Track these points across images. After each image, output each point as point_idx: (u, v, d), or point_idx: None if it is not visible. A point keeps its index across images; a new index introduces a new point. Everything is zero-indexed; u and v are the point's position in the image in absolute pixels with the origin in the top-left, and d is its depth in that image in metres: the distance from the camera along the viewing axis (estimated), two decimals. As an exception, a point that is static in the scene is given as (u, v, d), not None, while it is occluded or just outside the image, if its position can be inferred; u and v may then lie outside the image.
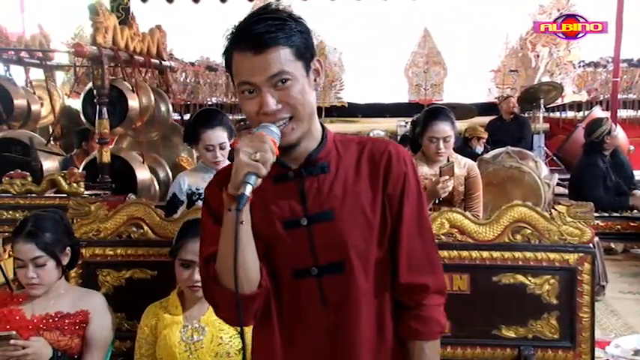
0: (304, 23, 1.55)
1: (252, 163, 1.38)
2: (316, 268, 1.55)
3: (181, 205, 3.42)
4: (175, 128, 6.23)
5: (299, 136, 1.52)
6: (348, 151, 1.61)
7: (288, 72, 1.47)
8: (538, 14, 10.29)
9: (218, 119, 3.40)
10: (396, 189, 1.58)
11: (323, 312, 1.56)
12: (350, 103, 10.78)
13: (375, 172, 1.58)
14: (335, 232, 1.54)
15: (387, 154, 1.59)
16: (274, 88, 1.47)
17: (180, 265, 2.47)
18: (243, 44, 1.48)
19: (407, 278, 1.59)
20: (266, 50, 1.45)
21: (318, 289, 1.55)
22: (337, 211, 1.54)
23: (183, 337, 2.45)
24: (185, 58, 10.62)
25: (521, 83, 10.42)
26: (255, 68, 1.46)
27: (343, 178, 1.57)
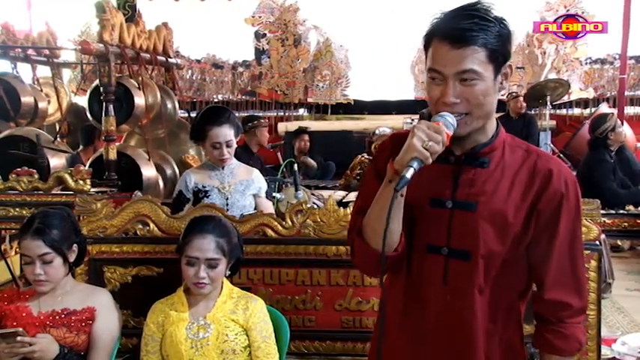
0: (508, 27, 1.61)
1: (422, 150, 1.48)
2: (447, 249, 1.65)
3: (188, 202, 3.43)
4: (182, 125, 6.23)
5: (470, 130, 1.61)
6: (513, 155, 1.67)
7: (476, 72, 1.55)
8: (545, 11, 10.23)
9: (225, 117, 3.40)
10: (550, 206, 1.63)
11: (442, 291, 1.66)
12: (356, 100, 10.75)
13: (530, 184, 1.64)
14: (472, 223, 1.62)
15: (548, 172, 1.64)
16: (460, 83, 1.56)
17: (187, 263, 2.48)
18: (445, 35, 1.56)
19: (552, 295, 1.66)
20: (463, 47, 1.53)
21: (443, 269, 1.65)
22: (481, 205, 1.62)
23: (189, 334, 2.46)
24: (191, 56, 10.62)
25: (527, 80, 10.36)
26: (448, 60, 1.55)
27: (498, 178, 1.64)
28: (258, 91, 10.67)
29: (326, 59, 10.65)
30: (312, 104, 10.82)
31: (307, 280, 3.02)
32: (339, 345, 3.02)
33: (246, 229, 3.00)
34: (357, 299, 3.00)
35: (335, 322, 3.02)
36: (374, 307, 2.98)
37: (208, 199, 3.37)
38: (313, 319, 3.03)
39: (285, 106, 10.80)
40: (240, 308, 2.53)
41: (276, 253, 3.02)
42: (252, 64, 10.72)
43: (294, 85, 10.65)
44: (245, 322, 2.51)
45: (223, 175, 3.46)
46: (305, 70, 10.67)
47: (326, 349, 3.03)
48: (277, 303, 2.99)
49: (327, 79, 10.67)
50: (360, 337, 3.00)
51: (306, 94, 10.75)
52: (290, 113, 10.79)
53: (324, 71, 10.65)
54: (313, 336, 3.03)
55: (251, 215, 3.16)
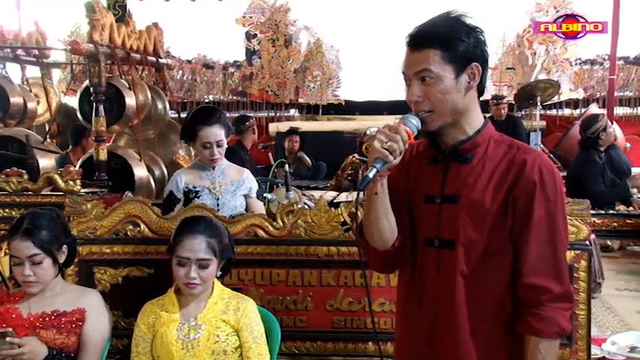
0: (471, 31, 1.74)
1: (382, 150, 1.63)
2: (438, 241, 1.78)
3: (178, 202, 3.42)
4: (172, 126, 6.21)
5: (439, 126, 1.75)
6: (497, 150, 1.79)
7: (432, 71, 1.70)
8: (535, 12, 10.27)
9: (215, 117, 3.40)
10: (524, 194, 1.72)
11: (436, 280, 1.79)
12: (347, 101, 10.75)
13: (506, 174, 1.74)
14: (454, 214, 1.75)
15: (523, 161, 1.74)
16: (421, 83, 1.72)
17: (178, 263, 2.47)
18: (407, 40, 1.75)
19: (531, 279, 1.72)
20: (419, 49, 1.71)
21: (436, 259, 1.79)
22: (462, 198, 1.75)
23: (180, 335, 2.45)
24: (182, 56, 10.59)
25: (518, 81, 10.40)
26: (408, 62, 1.75)
27: (479, 172, 1.76)
28: (249, 91, 10.65)
29: (317, 59, 10.65)
30: (303, 105, 10.81)
31: (298, 281, 3.02)
32: (331, 345, 3.02)
33: (237, 230, 3.00)
34: (349, 299, 3.00)
35: (326, 322, 3.02)
36: (365, 307, 2.99)
37: (199, 200, 3.36)
38: (304, 319, 3.02)
39: (276, 106, 10.79)
40: (231, 309, 2.53)
41: (267, 253, 3.01)
42: (243, 65, 10.70)
43: (285, 85, 10.64)
44: (236, 322, 2.51)
45: (214, 176, 3.45)
46: (296, 71, 10.67)
47: (317, 349, 3.03)
48: (268, 303, 2.99)
49: (318, 79, 10.67)
50: (352, 337, 3.01)
51: (297, 95, 10.75)
52: (281, 114, 10.78)
53: (315, 71, 10.65)
54: (304, 336, 3.02)
55: (242, 216, 3.15)
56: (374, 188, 1.73)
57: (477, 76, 1.75)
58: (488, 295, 1.77)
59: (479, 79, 1.76)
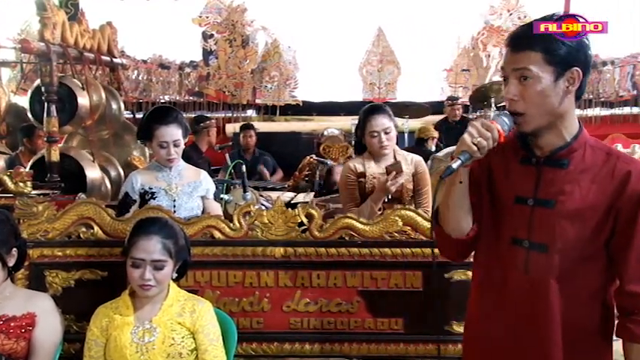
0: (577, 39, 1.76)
1: (470, 145, 1.69)
2: (528, 242, 1.81)
3: (134, 204, 3.37)
4: (127, 126, 6.13)
5: (533, 128, 1.77)
6: (594, 156, 1.80)
7: (531, 70, 1.72)
8: (489, 14, 10.46)
9: (173, 116, 3.36)
10: (628, 205, 1.75)
11: (523, 280, 1.82)
12: (304, 102, 10.75)
13: (608, 184, 1.76)
14: (550, 219, 1.78)
15: (627, 173, 1.76)
16: (519, 82, 1.74)
17: (132, 265, 2.44)
18: (509, 41, 1.79)
19: (631, 287, 1.77)
20: (521, 50, 1.74)
21: (525, 259, 1.82)
22: (559, 204, 1.77)
23: (135, 338, 2.42)
24: (137, 56, 10.44)
25: (472, 82, 10.56)
26: (509, 60, 1.77)
27: (577, 178, 1.77)
28: (206, 91, 10.57)
29: (274, 60, 10.63)
30: (260, 105, 10.78)
31: (255, 282, 3.00)
32: (287, 346, 3.01)
33: (193, 231, 2.97)
34: (306, 300, 3.00)
35: (283, 323, 3.01)
36: (322, 308, 2.99)
37: (155, 201, 3.32)
38: (261, 320, 3.01)
39: (233, 107, 10.73)
40: (187, 311, 2.51)
41: (223, 255, 2.99)
42: (200, 65, 10.62)
43: (242, 86, 10.60)
44: (192, 325, 2.48)
45: (170, 177, 3.41)
46: (253, 71, 10.63)
47: (274, 350, 3.02)
48: (225, 305, 2.97)
49: (275, 80, 10.65)
50: (309, 338, 3.01)
51: (254, 95, 10.71)
52: (238, 114, 10.72)
53: (272, 72, 10.63)
54: (261, 338, 3.01)
55: (198, 217, 3.12)
56: (456, 177, 1.79)
57: (577, 81, 1.75)
58: (578, 299, 1.81)
59: (578, 83, 1.76)
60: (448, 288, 2.92)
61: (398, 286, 2.97)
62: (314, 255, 2.97)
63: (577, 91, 1.78)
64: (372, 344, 2.99)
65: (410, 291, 2.96)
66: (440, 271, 2.93)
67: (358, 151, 3.69)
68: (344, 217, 3.01)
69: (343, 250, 2.96)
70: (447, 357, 2.96)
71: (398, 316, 2.98)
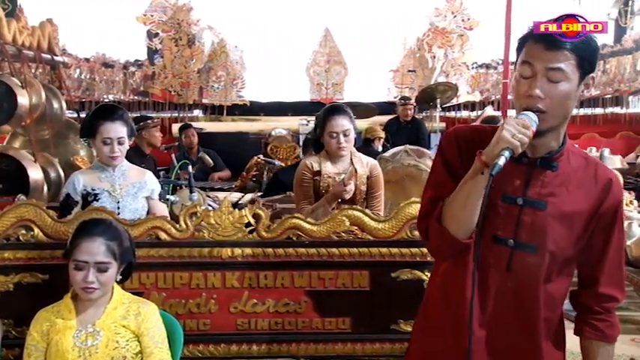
0: (596, 41, 1.77)
1: (513, 140, 1.65)
2: (513, 241, 1.80)
3: (76, 205, 3.29)
4: (70, 126, 6.00)
5: (547, 127, 1.75)
6: (576, 161, 1.84)
7: (565, 72, 1.70)
8: (434, 16, 10.62)
9: (118, 114, 3.30)
10: (609, 212, 1.82)
11: (504, 277, 1.81)
12: (252, 102, 10.71)
13: (592, 190, 1.81)
14: (541, 220, 1.78)
15: (609, 180, 1.82)
16: (547, 81, 1.70)
17: (75, 267, 2.39)
18: (541, 37, 1.71)
19: (605, 290, 1.86)
20: (557, 49, 1.70)
21: (508, 258, 1.81)
22: (550, 205, 1.78)
23: (77, 342, 2.37)
24: (79, 54, 10.21)
25: (418, 83, 10.70)
26: (541, 57, 1.71)
27: (565, 181, 1.80)
28: (151, 91, 10.42)
29: (221, 60, 10.55)
30: (207, 105, 10.69)
31: (202, 284, 2.98)
32: (235, 347, 3.00)
33: (138, 233, 2.92)
34: (253, 301, 2.99)
35: (230, 324, 2.99)
36: (269, 309, 2.98)
37: (98, 203, 3.24)
38: (208, 322, 2.99)
39: (179, 106, 10.61)
40: (131, 314, 2.47)
41: (169, 256, 2.96)
42: (145, 64, 10.46)
43: (189, 85, 10.49)
44: (137, 327, 2.45)
45: (114, 178, 3.34)
46: (199, 71, 10.53)
47: (221, 352, 3.00)
48: (171, 307, 2.93)
49: (222, 79, 10.58)
50: (256, 339, 2.99)
51: (200, 95, 10.61)
52: (185, 114, 10.60)
53: (219, 72, 10.55)
54: (208, 339, 2.99)
55: (143, 218, 3.08)
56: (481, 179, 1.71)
57: (590, 87, 1.81)
58: (554, 300, 1.85)
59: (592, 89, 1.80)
60: (395, 287, 2.95)
61: (345, 285, 2.98)
62: (261, 255, 2.96)
63: None
64: (320, 344, 3.00)
65: (357, 290, 2.98)
66: (386, 270, 2.96)
67: (315, 149, 3.69)
68: (291, 218, 3.00)
69: (291, 250, 2.96)
70: (395, 356, 2.98)
71: (345, 315, 3.00)
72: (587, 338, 1.89)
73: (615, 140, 10.19)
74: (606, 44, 10.40)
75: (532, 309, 1.82)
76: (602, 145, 8.69)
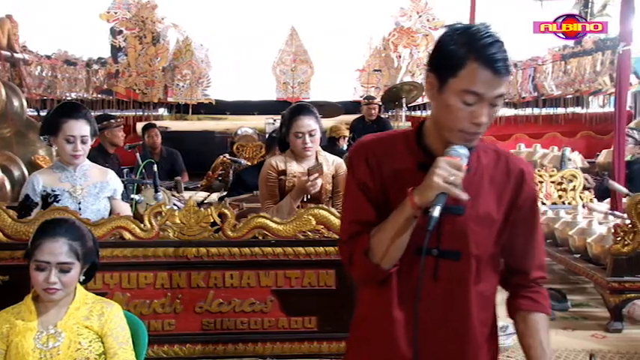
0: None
1: (446, 186, 1.59)
2: (437, 251, 1.75)
3: (35, 207, 3.21)
4: (31, 124, 5.90)
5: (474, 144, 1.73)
6: (487, 157, 1.80)
7: (503, 96, 1.69)
8: (400, 16, 10.70)
9: (82, 112, 3.25)
10: (527, 202, 1.82)
11: (432, 287, 1.76)
12: (218, 100, 10.67)
13: (506, 183, 1.80)
14: (461, 226, 1.74)
15: (521, 172, 1.81)
16: (490, 106, 1.66)
17: (36, 268, 2.34)
18: (488, 62, 1.63)
19: (536, 274, 1.89)
20: (504, 76, 1.65)
21: (434, 268, 1.76)
22: (468, 209, 1.73)
23: (38, 344, 2.33)
24: (40, 51, 10.04)
25: (384, 82, 10.78)
26: (490, 85, 1.64)
27: (479, 181, 1.77)
28: (115, 89, 10.31)
29: (186, 58, 10.49)
30: (172, 104, 10.62)
31: (167, 283, 2.95)
32: (200, 348, 2.98)
33: (101, 232, 2.89)
34: (219, 301, 2.97)
35: (195, 324, 2.97)
36: (235, 308, 2.97)
37: (58, 204, 3.18)
38: (173, 322, 2.97)
39: (144, 105, 10.52)
40: (94, 314, 2.43)
41: (133, 256, 2.93)
42: (109, 62, 10.34)
43: (154, 84, 10.40)
44: (100, 328, 2.41)
45: (75, 178, 3.28)
46: (164, 69, 10.45)
47: (186, 352, 2.98)
48: (135, 308, 2.91)
49: (187, 78, 10.52)
50: (221, 339, 2.98)
51: (165, 94, 10.54)
52: (149, 113, 10.52)
53: (184, 70, 10.49)
54: (173, 340, 2.97)
55: (107, 218, 3.04)
56: (414, 214, 1.65)
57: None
58: (486, 300, 1.84)
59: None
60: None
61: (311, 284, 2.99)
62: (227, 255, 2.95)
63: None
64: (286, 343, 3.00)
65: (323, 289, 2.99)
66: (352, 268, 2.97)
67: (281, 148, 3.69)
68: (257, 217, 3.00)
69: (257, 249, 2.96)
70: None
71: (311, 314, 3.00)
72: (526, 310, 1.87)
73: (576, 140, 10.41)
74: (567, 45, 10.63)
75: (465, 315, 1.80)
76: (563, 144, 8.84)
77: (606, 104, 10.55)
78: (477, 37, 1.66)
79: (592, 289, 5.06)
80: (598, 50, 10.21)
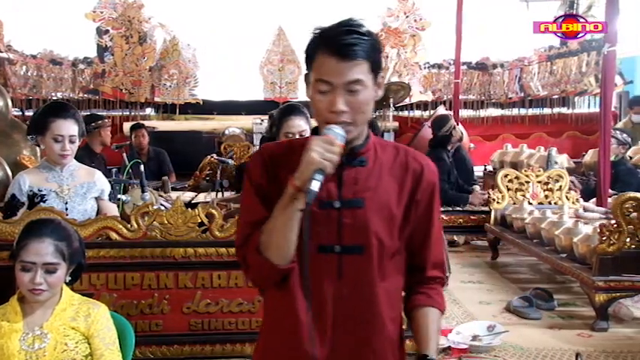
0: (379, 40, 1.77)
1: (322, 161, 1.60)
2: (340, 247, 1.73)
3: (22, 207, 3.20)
4: (16, 124, 5.85)
5: (354, 136, 1.73)
6: (385, 152, 1.81)
7: (362, 81, 1.68)
8: (387, 16, 10.72)
9: (70, 112, 3.24)
10: (425, 197, 1.80)
11: (337, 286, 1.74)
12: (205, 100, 10.62)
13: (404, 178, 1.79)
14: (362, 218, 1.72)
15: (420, 165, 1.81)
16: (347, 93, 1.67)
17: (22, 268, 2.33)
18: (331, 49, 1.67)
19: (432, 273, 1.86)
20: (350, 60, 1.66)
21: (337, 265, 1.74)
22: (368, 201, 1.73)
23: (24, 346, 2.31)
24: (25, 50, 9.96)
25: (371, 83, 10.78)
26: (337, 72, 1.67)
27: (377, 174, 1.77)
28: (102, 89, 10.24)
29: (173, 58, 10.44)
30: (159, 104, 10.57)
31: (154, 284, 2.95)
32: (187, 348, 2.98)
33: (88, 233, 2.88)
34: (206, 301, 2.97)
35: (183, 325, 2.97)
36: (222, 309, 2.97)
37: (45, 204, 3.16)
38: (160, 323, 2.96)
39: (130, 105, 10.46)
40: (81, 315, 2.42)
41: (120, 256, 2.92)
42: (95, 62, 10.27)
43: (140, 83, 10.35)
44: (86, 329, 2.40)
45: (62, 178, 3.26)
46: (151, 69, 10.40)
47: (173, 353, 2.98)
48: (122, 308, 2.90)
49: (174, 78, 10.47)
50: (209, 339, 2.98)
51: (152, 94, 10.48)
52: (136, 113, 10.46)
53: (171, 70, 10.44)
54: (160, 340, 2.96)
55: (94, 218, 3.03)
56: (299, 204, 1.63)
57: (382, 85, 1.77)
58: (394, 295, 1.82)
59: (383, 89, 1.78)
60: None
61: (299, 284, 2.98)
62: (215, 255, 2.95)
63: None
64: (274, 343, 3.00)
65: (311, 289, 2.99)
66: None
67: None
68: (245, 217, 2.99)
69: (244, 249, 2.95)
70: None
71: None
72: (421, 306, 1.83)
73: (562, 140, 10.48)
74: (553, 46, 10.69)
75: (373, 313, 1.77)
76: (549, 144, 8.90)
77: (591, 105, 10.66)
78: (328, 29, 1.72)
79: (578, 289, 5.09)
80: (583, 51, 10.29)
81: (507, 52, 10.91)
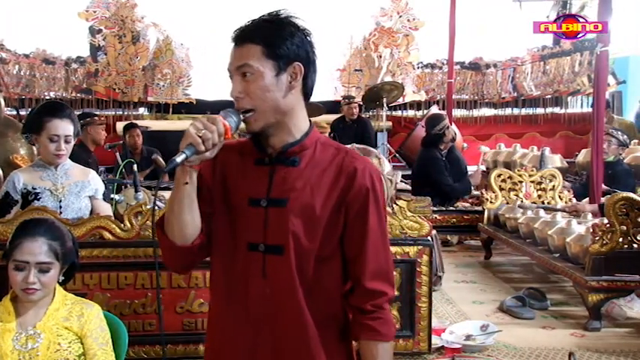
0: (300, 32, 1.76)
1: (195, 137, 1.61)
2: (264, 246, 1.72)
3: (15, 205, 3.20)
4: (9, 123, 5.83)
5: (262, 126, 1.72)
6: (324, 153, 1.77)
7: (252, 66, 1.68)
8: (380, 16, 10.72)
9: (66, 112, 3.24)
10: (358, 200, 1.74)
11: (261, 284, 1.73)
12: (198, 100, 10.61)
13: (336, 180, 1.74)
14: (283, 218, 1.71)
15: (353, 168, 1.74)
16: (242, 79, 1.70)
17: (15, 267, 2.32)
18: (233, 35, 1.74)
19: (371, 284, 1.75)
20: (241, 44, 1.71)
21: (262, 264, 1.73)
22: (291, 201, 1.71)
23: (17, 346, 2.31)
24: (18, 50, 9.92)
25: (365, 82, 10.79)
26: (232, 57, 1.73)
27: (308, 175, 1.74)
28: (95, 89, 10.21)
29: (166, 57, 10.42)
30: (152, 103, 10.54)
31: (147, 284, 2.94)
32: (181, 348, 2.97)
33: (81, 232, 2.87)
34: (200, 301, 2.97)
35: (176, 324, 2.97)
36: (217, 307, 2.96)
37: (39, 202, 3.16)
38: (154, 322, 2.96)
39: (124, 104, 10.43)
40: (74, 315, 2.41)
41: (113, 256, 2.92)
42: (88, 61, 10.24)
43: (134, 83, 10.32)
44: (80, 329, 2.40)
45: (56, 176, 3.26)
46: (144, 68, 10.37)
47: (167, 352, 2.97)
48: (115, 308, 2.89)
49: (167, 77, 10.44)
50: (202, 339, 2.96)
51: (146, 93, 10.46)
52: (129, 112, 10.44)
53: (164, 69, 10.41)
54: (153, 340, 2.96)
55: (87, 218, 3.02)
56: (183, 178, 1.67)
57: (299, 76, 1.73)
58: (325, 300, 1.77)
59: (301, 79, 1.74)
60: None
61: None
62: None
63: (304, 88, 1.77)
64: (268, 342, 3.00)
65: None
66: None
67: None
68: (238, 216, 2.99)
69: (238, 249, 2.95)
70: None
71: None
72: (365, 340, 1.77)
73: (555, 139, 10.52)
74: (546, 46, 10.73)
75: (298, 313, 1.73)
76: (542, 144, 8.92)
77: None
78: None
79: (571, 289, 5.10)
80: (576, 51, 10.33)
81: (500, 51, 10.94)
